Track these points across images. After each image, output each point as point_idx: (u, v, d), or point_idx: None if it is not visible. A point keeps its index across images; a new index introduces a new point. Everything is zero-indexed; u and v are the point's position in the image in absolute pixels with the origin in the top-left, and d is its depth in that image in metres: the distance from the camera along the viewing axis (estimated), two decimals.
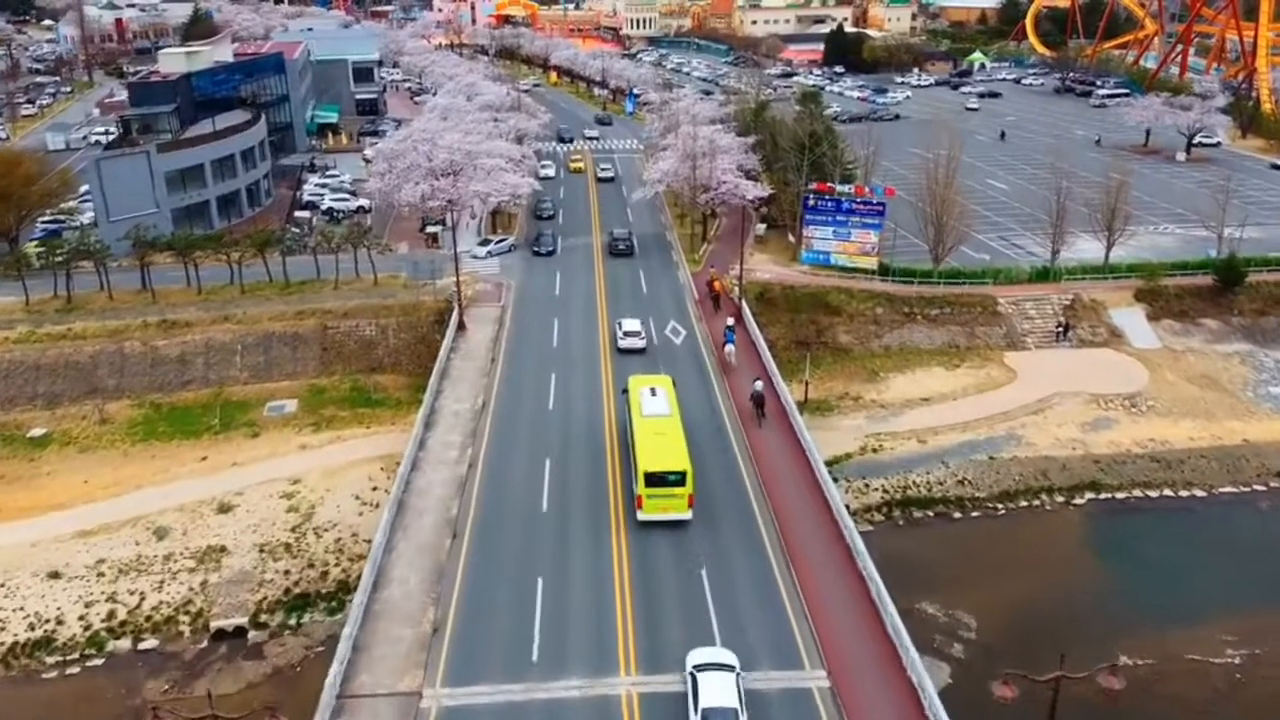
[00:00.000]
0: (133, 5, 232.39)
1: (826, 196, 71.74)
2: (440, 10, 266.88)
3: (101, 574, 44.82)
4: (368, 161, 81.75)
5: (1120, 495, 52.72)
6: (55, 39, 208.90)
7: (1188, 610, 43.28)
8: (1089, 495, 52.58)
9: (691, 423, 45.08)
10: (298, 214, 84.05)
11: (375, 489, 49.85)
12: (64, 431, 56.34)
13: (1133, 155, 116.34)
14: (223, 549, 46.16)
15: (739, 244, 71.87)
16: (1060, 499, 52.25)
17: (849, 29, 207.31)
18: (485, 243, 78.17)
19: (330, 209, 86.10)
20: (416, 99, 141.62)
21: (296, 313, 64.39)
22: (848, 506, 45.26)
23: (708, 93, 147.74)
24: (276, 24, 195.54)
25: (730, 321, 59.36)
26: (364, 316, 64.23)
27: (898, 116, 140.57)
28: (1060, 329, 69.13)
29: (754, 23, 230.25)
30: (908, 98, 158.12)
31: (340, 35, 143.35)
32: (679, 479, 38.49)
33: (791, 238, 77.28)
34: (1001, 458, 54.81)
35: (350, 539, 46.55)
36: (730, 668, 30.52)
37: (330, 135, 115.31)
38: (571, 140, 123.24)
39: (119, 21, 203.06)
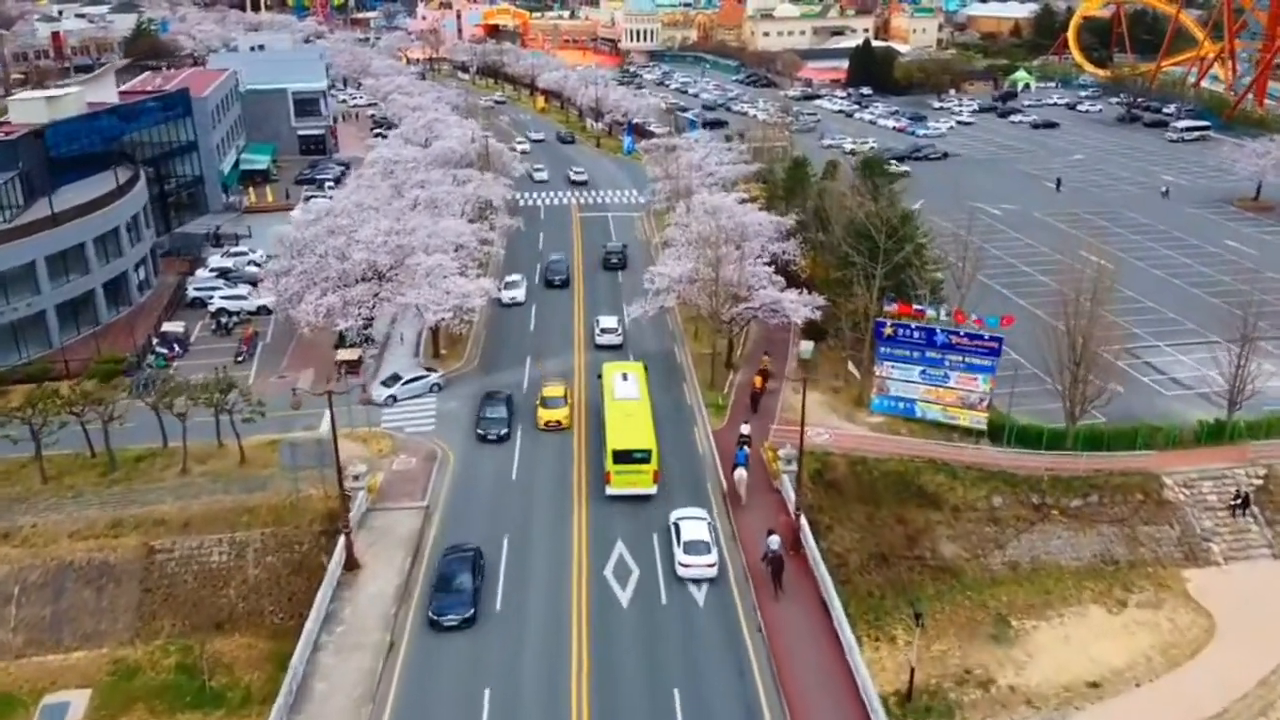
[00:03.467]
0: (82, 16, 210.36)
1: (911, 324, 49.27)
2: (424, 18, 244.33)
3: None
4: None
5: None
6: None
7: None
8: None
9: None
10: (167, 327, 60.42)
11: None
12: None
13: (1243, 214, 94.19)
14: None
15: (777, 364, 52.89)
16: None
17: (872, 42, 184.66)
18: (392, 380, 53.13)
19: (221, 311, 63.24)
20: (376, 131, 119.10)
21: (112, 523, 41.86)
22: None
23: (717, 123, 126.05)
24: (235, 37, 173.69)
25: (744, 431, 46.60)
26: (213, 528, 41.74)
27: (945, 154, 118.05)
28: (1238, 502, 47.79)
29: (766, 35, 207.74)
30: (952, 128, 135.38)
31: (282, 59, 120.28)
32: (644, 456, 41.76)
33: (853, 368, 54.43)
34: None
35: None
36: (703, 518, 39.38)
37: (253, 188, 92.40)
38: (567, 283, 70.13)
39: (55, 35, 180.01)
